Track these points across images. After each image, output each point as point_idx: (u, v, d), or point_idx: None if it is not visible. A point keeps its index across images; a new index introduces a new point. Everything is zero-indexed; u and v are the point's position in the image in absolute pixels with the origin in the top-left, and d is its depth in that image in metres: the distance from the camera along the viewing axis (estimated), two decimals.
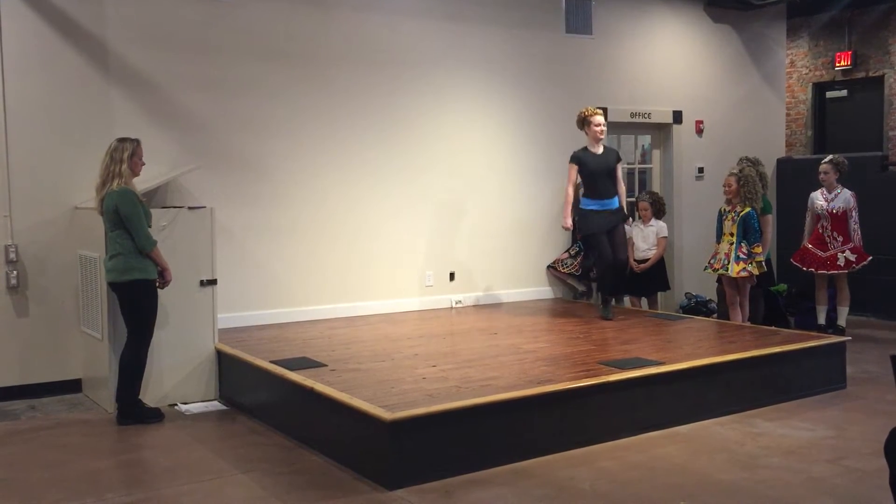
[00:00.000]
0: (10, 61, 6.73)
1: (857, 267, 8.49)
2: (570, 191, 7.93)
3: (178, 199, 7.32)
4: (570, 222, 7.92)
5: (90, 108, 7.03)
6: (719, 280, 8.55)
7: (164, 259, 6.02)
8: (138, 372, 6.04)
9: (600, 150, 7.88)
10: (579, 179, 8.03)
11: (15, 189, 6.75)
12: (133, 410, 6.00)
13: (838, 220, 8.53)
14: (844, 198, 8.52)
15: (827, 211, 8.55)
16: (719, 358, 6.09)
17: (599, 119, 7.89)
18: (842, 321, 8.75)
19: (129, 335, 6.01)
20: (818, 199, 8.69)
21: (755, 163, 8.45)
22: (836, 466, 4.89)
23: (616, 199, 7.92)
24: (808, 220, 8.83)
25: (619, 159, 8.02)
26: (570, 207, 7.91)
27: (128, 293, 5.92)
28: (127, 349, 5.99)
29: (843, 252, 8.49)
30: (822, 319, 8.77)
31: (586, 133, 7.95)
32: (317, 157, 8.08)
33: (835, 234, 8.54)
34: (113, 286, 6.01)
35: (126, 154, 5.93)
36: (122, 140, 6.02)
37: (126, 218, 5.82)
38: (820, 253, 8.61)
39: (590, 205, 7.86)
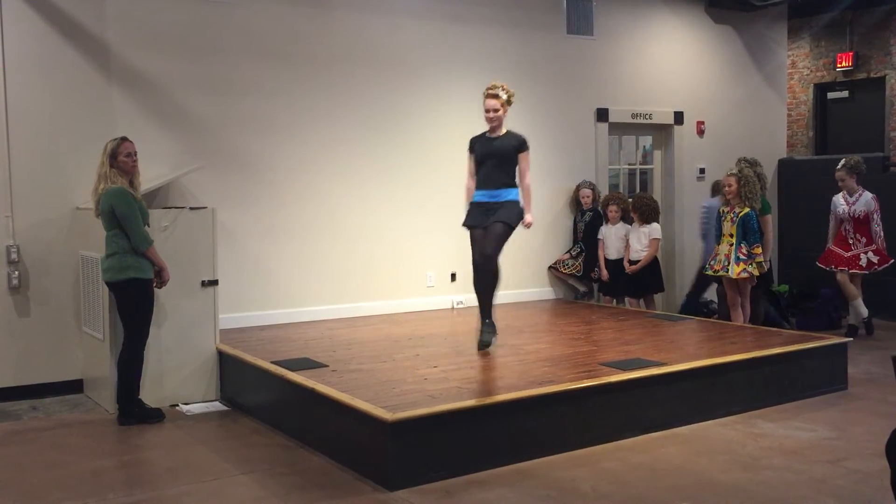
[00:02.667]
0: (11, 62, 6.73)
1: (878, 268, 8.51)
2: (468, 181, 6.74)
3: (179, 199, 7.32)
4: None
5: (92, 109, 7.04)
6: (719, 281, 8.55)
7: (161, 258, 6.02)
8: (137, 371, 6.04)
9: (496, 135, 6.63)
10: None
11: (17, 189, 6.76)
12: (134, 410, 6.01)
13: (860, 222, 8.57)
14: (865, 201, 8.54)
15: (849, 214, 8.58)
16: (721, 359, 6.08)
17: (490, 103, 6.56)
18: (853, 319, 8.80)
19: (125, 335, 6.01)
20: (840, 202, 8.71)
21: (753, 164, 8.46)
22: (838, 467, 4.88)
23: (510, 192, 6.57)
24: (831, 223, 8.86)
25: (521, 148, 6.61)
26: (468, 202, 6.73)
27: (124, 292, 5.93)
28: (124, 349, 6.00)
29: (866, 253, 8.51)
30: (863, 312, 8.66)
31: None
32: (318, 158, 8.08)
33: (857, 235, 8.58)
34: (109, 285, 6.01)
35: (106, 155, 5.90)
36: (109, 141, 6.00)
37: (122, 217, 5.82)
38: (843, 252, 8.64)
39: (475, 196, 6.61)
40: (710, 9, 10.64)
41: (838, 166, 8.70)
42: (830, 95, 11.38)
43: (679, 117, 10.43)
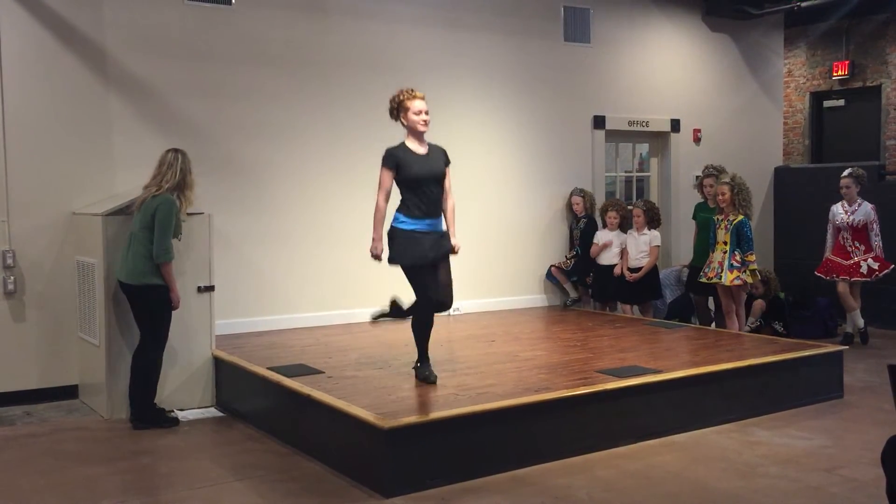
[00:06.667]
0: (8, 66, 6.73)
1: (879, 275, 8.56)
2: (384, 203, 5.64)
3: None
4: (381, 248, 5.68)
5: (88, 114, 7.04)
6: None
7: (174, 279, 6.01)
8: (154, 375, 6.04)
9: (425, 149, 5.72)
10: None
11: (13, 194, 6.75)
12: (149, 414, 6.00)
13: (859, 231, 8.62)
14: (865, 211, 8.59)
15: (847, 223, 8.62)
16: (717, 366, 6.09)
17: (421, 104, 5.64)
18: (850, 328, 8.85)
19: (142, 338, 6.01)
20: (839, 212, 8.76)
21: (721, 171, 8.53)
22: (833, 475, 4.89)
23: (443, 220, 5.78)
24: (829, 232, 8.90)
25: (448, 163, 5.81)
26: (382, 228, 5.69)
27: (143, 297, 5.93)
28: (142, 352, 5.99)
29: (866, 260, 8.55)
30: (860, 323, 8.73)
31: (403, 124, 5.73)
32: (315, 164, 8.08)
33: (856, 243, 8.63)
34: (125, 286, 5.99)
35: (187, 166, 6.08)
36: (184, 153, 6.12)
37: (159, 223, 5.84)
38: (843, 261, 8.69)
39: (411, 224, 5.61)
40: (706, 17, 10.68)
41: (844, 174, 8.73)
42: (826, 104, 11.41)
43: (676, 125, 10.45)
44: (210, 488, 4.78)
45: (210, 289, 6.57)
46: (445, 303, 5.80)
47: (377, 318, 6.25)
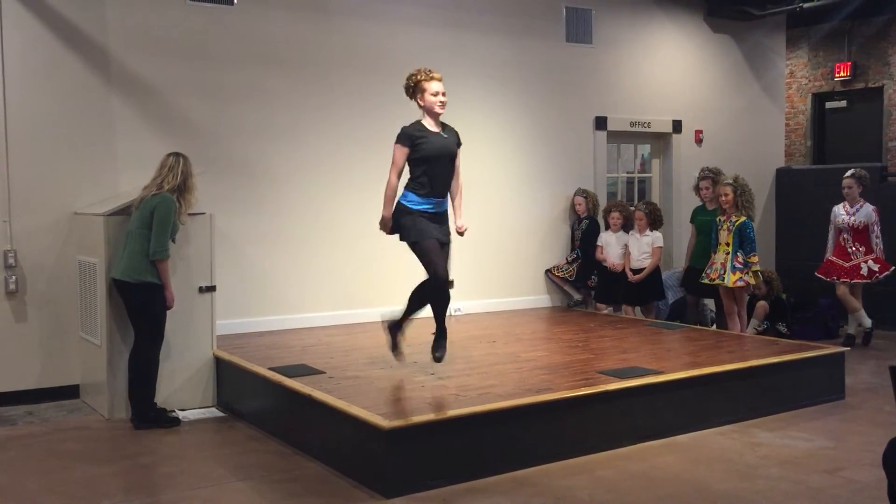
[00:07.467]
0: (11, 67, 6.74)
1: (880, 277, 8.56)
2: (396, 181, 5.71)
3: None
4: (390, 225, 5.81)
5: (91, 114, 7.04)
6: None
7: (169, 277, 6.02)
8: (152, 374, 6.05)
9: (439, 128, 5.83)
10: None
11: (15, 194, 6.76)
12: (150, 414, 6.01)
13: (860, 233, 8.62)
14: (866, 212, 8.59)
15: (848, 225, 8.62)
16: (718, 367, 6.08)
17: (438, 86, 5.73)
18: (851, 329, 8.85)
19: (137, 337, 6.01)
20: (840, 213, 8.75)
21: (716, 173, 8.53)
22: (835, 477, 4.88)
23: (448, 200, 5.89)
24: (830, 233, 8.90)
25: (460, 143, 5.91)
26: (392, 205, 5.78)
27: (138, 295, 5.93)
28: (139, 351, 5.99)
29: (866, 262, 8.54)
30: (867, 323, 8.71)
31: (419, 104, 5.83)
32: (317, 164, 8.09)
33: (857, 244, 8.62)
34: (119, 284, 6.00)
35: (189, 168, 6.11)
36: (186, 157, 6.15)
37: (157, 221, 5.86)
38: (843, 263, 8.69)
39: (420, 203, 5.70)
40: (709, 18, 10.67)
41: (847, 174, 8.73)
42: (828, 105, 11.41)
43: (677, 126, 10.45)
44: (211, 488, 4.78)
45: (211, 289, 6.57)
46: (444, 277, 5.71)
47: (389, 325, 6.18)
